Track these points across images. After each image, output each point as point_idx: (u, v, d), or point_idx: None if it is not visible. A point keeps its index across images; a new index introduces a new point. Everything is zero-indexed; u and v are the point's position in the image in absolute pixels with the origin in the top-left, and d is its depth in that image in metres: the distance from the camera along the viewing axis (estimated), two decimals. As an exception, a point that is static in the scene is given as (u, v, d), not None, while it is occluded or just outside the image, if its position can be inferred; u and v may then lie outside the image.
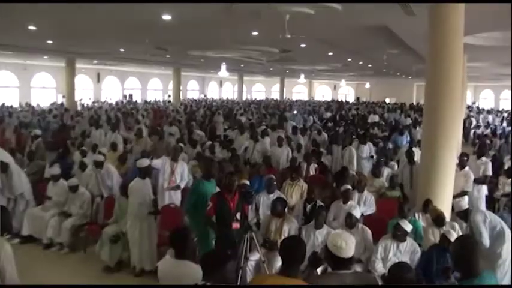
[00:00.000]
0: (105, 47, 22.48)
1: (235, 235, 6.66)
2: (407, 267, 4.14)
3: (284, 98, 54.13)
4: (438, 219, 7.13)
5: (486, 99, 57.48)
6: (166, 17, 12.38)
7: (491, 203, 11.03)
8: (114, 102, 40.37)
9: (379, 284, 4.33)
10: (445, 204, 8.08)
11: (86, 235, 9.15)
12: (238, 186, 7.33)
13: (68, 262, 8.62)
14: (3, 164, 9.43)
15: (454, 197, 8.83)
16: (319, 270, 5.17)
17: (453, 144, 8.46)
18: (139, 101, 44.24)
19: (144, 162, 8.37)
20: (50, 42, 20.20)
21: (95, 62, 34.22)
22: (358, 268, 6.85)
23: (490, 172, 10.77)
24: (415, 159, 10.12)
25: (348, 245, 4.03)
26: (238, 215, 6.83)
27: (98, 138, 15.67)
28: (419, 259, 6.73)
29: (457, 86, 8.26)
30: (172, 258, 4.68)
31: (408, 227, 6.85)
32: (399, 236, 6.79)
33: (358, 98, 61.64)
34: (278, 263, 7.15)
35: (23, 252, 8.23)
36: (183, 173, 9.64)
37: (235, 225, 6.79)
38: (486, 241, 6.46)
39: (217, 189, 7.73)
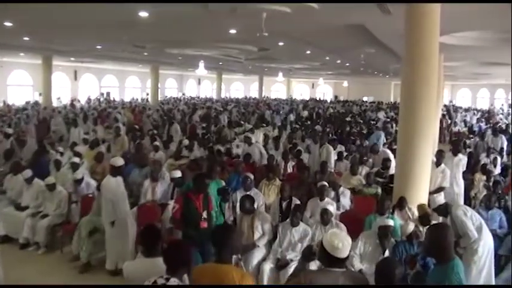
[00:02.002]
0: (82, 44, 22.28)
1: (203, 234, 6.66)
2: (396, 263, 4.20)
3: (263, 96, 54.12)
4: (424, 217, 7.20)
5: (463, 98, 58.15)
6: (143, 14, 12.31)
7: (468, 199, 11.19)
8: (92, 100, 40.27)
9: (369, 283, 4.37)
10: (420, 200, 8.19)
11: (63, 234, 9.05)
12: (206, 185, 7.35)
13: (44, 262, 8.54)
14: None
15: (431, 193, 9.05)
16: (314, 264, 5.19)
17: (429, 142, 8.56)
18: (117, 99, 43.95)
19: (119, 161, 8.33)
20: (26, 39, 19.96)
21: (72, 59, 33.87)
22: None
23: (464, 168, 10.95)
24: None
25: (344, 245, 4.06)
26: (205, 214, 6.85)
27: (76, 136, 15.61)
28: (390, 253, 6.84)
29: (432, 85, 8.34)
30: (140, 257, 4.70)
31: (389, 221, 7.03)
32: (384, 233, 6.92)
33: (336, 97, 62.02)
34: (255, 260, 7.20)
35: (-2, 252, 8.17)
36: (166, 191, 9.67)
37: (203, 224, 6.80)
38: (473, 233, 6.56)
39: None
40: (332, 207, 7.83)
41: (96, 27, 15.86)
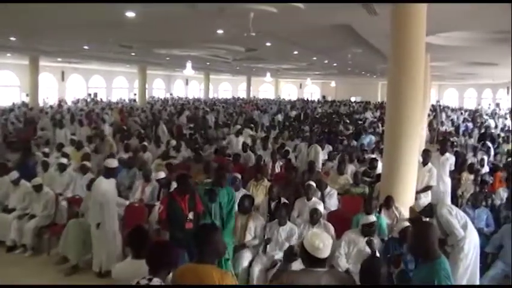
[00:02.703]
0: (69, 44, 22.14)
1: (189, 235, 6.65)
2: (381, 262, 4.22)
3: (251, 96, 54.14)
4: (414, 220, 7.22)
5: (450, 98, 58.53)
6: (130, 14, 12.27)
7: (455, 198, 11.27)
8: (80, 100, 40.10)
9: (355, 282, 4.40)
10: (407, 200, 8.25)
11: (50, 237, 8.98)
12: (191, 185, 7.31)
13: (31, 264, 8.49)
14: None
15: (418, 192, 9.11)
16: (296, 265, 5.20)
17: (415, 141, 8.59)
18: (104, 99, 43.76)
19: (113, 162, 8.31)
20: (13, 39, 19.83)
21: (59, 59, 33.70)
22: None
23: (452, 166, 11.03)
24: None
25: (325, 246, 4.10)
26: (191, 215, 6.83)
27: (63, 137, 15.56)
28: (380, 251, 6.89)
29: (418, 85, 8.37)
30: (129, 259, 4.69)
31: (371, 218, 7.08)
32: (368, 231, 6.95)
33: (324, 97, 62.14)
34: (245, 260, 7.21)
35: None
36: (153, 192, 9.64)
37: (188, 225, 6.79)
38: (459, 231, 6.58)
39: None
40: (320, 207, 7.88)
41: (83, 28, 15.76)
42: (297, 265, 4.62)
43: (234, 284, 4.07)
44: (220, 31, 15.35)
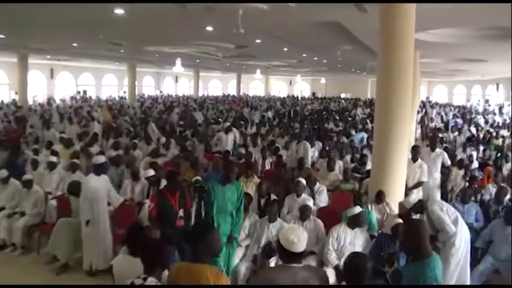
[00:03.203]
0: (58, 42, 22.02)
1: (180, 232, 6.63)
2: (364, 257, 4.21)
3: (241, 93, 54.12)
4: (405, 215, 7.21)
5: (440, 94, 58.81)
6: (119, 11, 12.24)
7: (444, 193, 11.34)
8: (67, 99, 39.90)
9: (329, 278, 4.40)
10: (397, 196, 8.28)
11: (39, 235, 8.95)
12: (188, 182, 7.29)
13: (21, 263, 8.45)
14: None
15: (411, 188, 9.19)
16: (272, 261, 5.21)
17: (405, 138, 8.63)
18: (93, 97, 43.58)
19: (100, 158, 8.28)
20: (1, 36, 19.71)
21: (48, 57, 33.50)
22: (311, 260, 6.98)
23: (449, 162, 11.12)
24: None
25: (300, 240, 4.11)
26: (181, 212, 6.82)
27: (52, 135, 15.50)
28: (371, 246, 6.93)
29: (407, 81, 8.41)
30: (127, 255, 4.67)
31: (357, 209, 7.13)
32: (354, 222, 6.98)
33: (314, 94, 62.23)
34: (236, 259, 7.20)
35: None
36: (142, 190, 9.62)
37: (179, 222, 6.78)
38: (451, 227, 6.61)
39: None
40: (310, 203, 7.89)
41: (72, 25, 15.69)
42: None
43: (228, 284, 4.04)
44: (209, 28, 15.32)
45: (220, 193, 6.97)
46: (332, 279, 6.24)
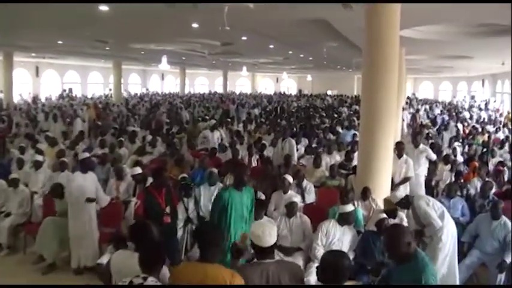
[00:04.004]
0: (44, 39, 21.89)
1: (167, 229, 6.62)
2: (343, 254, 4.17)
3: (228, 91, 54.07)
4: (390, 212, 7.25)
5: (426, 91, 59.20)
6: (104, 8, 12.19)
7: (430, 188, 11.42)
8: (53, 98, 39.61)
9: (303, 271, 4.43)
10: (382, 192, 8.31)
11: (26, 235, 8.90)
12: (173, 180, 7.25)
13: (7, 263, 8.42)
14: None
15: (398, 184, 9.30)
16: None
17: (390, 134, 8.66)
18: (79, 95, 43.33)
19: (82, 155, 8.25)
20: (-15, 34, 19.60)
21: (34, 55, 33.29)
22: (299, 256, 6.99)
23: (434, 156, 11.23)
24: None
25: (266, 234, 4.16)
26: (168, 209, 6.80)
27: (36, 134, 15.42)
28: (357, 242, 6.97)
29: (392, 78, 8.44)
30: (127, 251, 4.68)
31: (349, 207, 7.13)
32: (346, 220, 7.00)
33: (300, 91, 62.29)
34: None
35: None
36: (128, 188, 9.58)
37: (166, 219, 6.76)
38: (437, 221, 6.65)
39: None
40: (297, 199, 7.90)
41: (57, 23, 15.61)
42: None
43: (242, 284, 4.01)
44: (195, 25, 15.29)
45: (238, 200, 6.51)
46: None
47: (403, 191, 9.17)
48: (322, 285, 4.07)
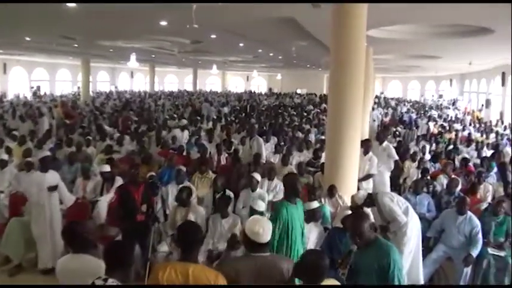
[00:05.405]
0: (11, 35, 21.55)
1: (141, 227, 6.60)
2: (322, 254, 4.26)
3: (197, 89, 53.91)
4: (356, 208, 7.27)
5: (394, 90, 59.96)
6: (71, 4, 12.05)
7: (397, 186, 11.57)
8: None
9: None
10: (349, 189, 8.41)
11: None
12: (144, 178, 7.23)
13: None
14: None
15: (360, 180, 9.42)
16: (239, 252, 5.24)
17: (357, 132, 8.78)
18: (47, 93, 42.76)
19: (41, 153, 8.16)
20: (-50, 31, 19.22)
21: (1, 51, 32.78)
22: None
23: (395, 155, 11.31)
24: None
25: (265, 231, 4.22)
26: (144, 207, 6.77)
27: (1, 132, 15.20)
28: (324, 239, 7.04)
29: (359, 77, 8.57)
30: (73, 254, 4.62)
31: (314, 204, 7.24)
32: (311, 217, 7.03)
33: (270, 89, 62.45)
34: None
35: None
36: (95, 188, 9.44)
37: (140, 217, 6.73)
38: (402, 217, 6.75)
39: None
40: (261, 203, 7.92)
41: (24, 18, 15.37)
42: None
43: (225, 284, 3.99)
44: (163, 23, 15.21)
45: (296, 215, 5.72)
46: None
47: (365, 186, 9.48)
48: (308, 285, 4.13)
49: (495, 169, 11.10)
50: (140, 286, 4.03)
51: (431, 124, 22.84)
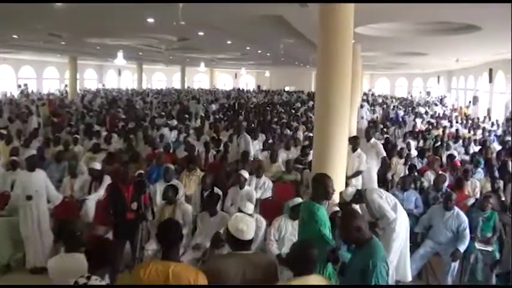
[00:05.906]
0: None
1: (130, 225, 6.58)
2: (311, 244, 4.28)
3: (185, 87, 53.80)
4: (344, 205, 7.27)
5: (382, 87, 60.19)
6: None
7: (385, 182, 11.62)
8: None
9: (277, 264, 4.47)
10: (337, 185, 8.36)
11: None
12: (134, 176, 7.22)
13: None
14: None
15: (349, 177, 9.44)
16: (224, 251, 5.23)
17: (344, 129, 8.77)
18: (35, 90, 42.49)
19: (27, 152, 8.12)
20: None
21: (-13, 49, 32.58)
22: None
23: (383, 152, 11.30)
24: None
25: (249, 228, 4.21)
26: (134, 205, 6.75)
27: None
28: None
29: (346, 74, 8.55)
30: (64, 253, 4.61)
31: (298, 200, 7.19)
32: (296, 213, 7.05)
33: (259, 87, 62.46)
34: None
35: None
36: (83, 186, 9.35)
37: (130, 215, 6.71)
38: (391, 213, 6.75)
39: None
40: (254, 195, 7.94)
41: (11, 16, 15.27)
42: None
43: (206, 284, 3.98)
44: (150, 20, 15.16)
45: (326, 215, 5.53)
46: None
47: (354, 183, 9.50)
48: (295, 285, 4.12)
49: (482, 165, 11.18)
50: (121, 286, 3.99)
51: (418, 121, 22.95)
